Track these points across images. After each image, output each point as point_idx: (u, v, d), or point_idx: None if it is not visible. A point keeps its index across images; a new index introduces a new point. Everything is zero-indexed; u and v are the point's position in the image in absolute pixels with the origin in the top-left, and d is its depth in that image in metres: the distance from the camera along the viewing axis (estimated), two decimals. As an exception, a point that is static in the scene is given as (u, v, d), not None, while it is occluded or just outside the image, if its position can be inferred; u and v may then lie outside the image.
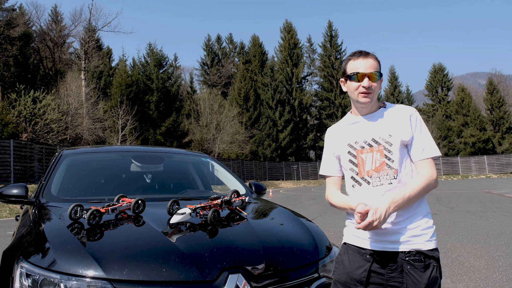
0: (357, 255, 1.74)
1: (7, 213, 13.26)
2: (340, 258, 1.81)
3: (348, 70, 1.79)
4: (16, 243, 2.09)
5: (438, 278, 1.66)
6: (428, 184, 1.68)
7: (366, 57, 1.76)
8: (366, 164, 1.75)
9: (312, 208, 13.52)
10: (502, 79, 63.86)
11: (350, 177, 1.81)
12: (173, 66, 45.98)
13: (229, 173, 3.68)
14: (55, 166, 3.05)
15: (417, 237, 1.67)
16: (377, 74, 1.75)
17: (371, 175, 1.73)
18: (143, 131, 35.37)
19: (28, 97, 24.50)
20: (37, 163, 21.53)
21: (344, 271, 1.75)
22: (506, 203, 12.79)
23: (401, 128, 1.73)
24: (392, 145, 1.72)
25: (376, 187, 1.72)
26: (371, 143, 1.75)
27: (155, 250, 1.85)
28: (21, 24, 34.41)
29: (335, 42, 54.89)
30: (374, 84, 1.74)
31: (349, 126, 1.86)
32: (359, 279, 1.69)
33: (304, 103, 53.05)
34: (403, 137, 1.72)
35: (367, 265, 1.69)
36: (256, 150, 46.79)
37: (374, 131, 1.77)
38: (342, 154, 1.84)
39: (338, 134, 1.89)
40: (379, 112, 1.81)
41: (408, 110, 1.78)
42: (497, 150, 51.41)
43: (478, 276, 4.52)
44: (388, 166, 1.71)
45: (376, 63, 1.77)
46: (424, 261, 1.65)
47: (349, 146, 1.81)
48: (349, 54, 1.83)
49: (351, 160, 1.80)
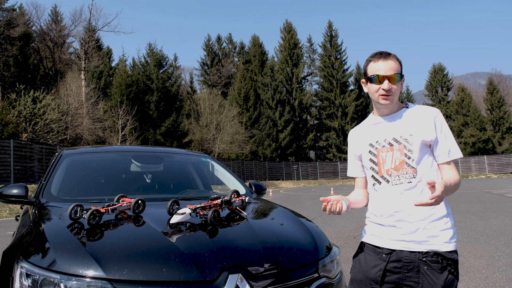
0: (373, 254, 1.75)
1: (7, 213, 13.26)
2: (357, 256, 1.84)
3: (368, 72, 1.79)
4: (16, 243, 2.09)
5: (454, 281, 1.65)
6: (457, 183, 1.69)
7: (386, 58, 1.75)
8: (386, 163, 1.76)
9: (312, 208, 13.52)
10: (502, 79, 63.85)
11: (370, 176, 1.83)
12: (173, 66, 45.98)
13: (229, 173, 3.68)
14: (55, 166, 3.05)
15: (435, 237, 1.66)
16: (398, 76, 1.74)
17: (390, 173, 1.74)
18: (143, 131, 35.37)
19: (28, 97, 24.50)
20: (37, 163, 21.53)
21: (360, 269, 1.77)
22: (506, 203, 12.79)
23: (424, 129, 1.73)
24: (413, 144, 1.72)
25: (396, 185, 1.72)
26: (392, 142, 1.76)
27: (155, 250, 1.85)
28: (21, 24, 34.42)
29: (335, 42, 54.88)
30: (395, 86, 1.74)
31: (371, 126, 1.88)
32: (374, 278, 1.70)
33: (304, 103, 53.04)
34: (425, 137, 1.72)
35: (383, 264, 1.70)
36: (256, 150, 46.79)
37: (395, 130, 1.78)
38: (364, 154, 1.86)
39: (360, 135, 1.92)
40: (401, 112, 1.81)
41: (432, 111, 1.77)
42: (497, 150, 51.41)
43: (478, 276, 4.52)
44: (407, 164, 1.71)
45: (397, 64, 1.76)
46: (441, 263, 1.64)
47: (370, 146, 1.83)
48: (370, 55, 1.82)
49: (371, 159, 1.82)
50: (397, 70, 1.74)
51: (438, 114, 1.76)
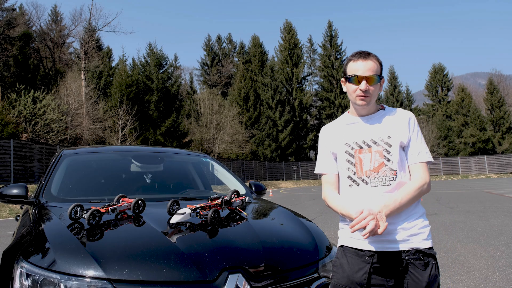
0: (356, 257, 1.72)
1: (7, 213, 13.26)
2: (338, 261, 1.79)
3: (347, 71, 1.78)
4: (16, 243, 2.09)
5: (437, 276, 1.68)
6: (421, 188, 1.70)
7: (366, 59, 1.74)
8: (364, 164, 1.74)
9: (312, 208, 13.52)
10: (502, 79, 63.85)
11: (347, 177, 1.79)
12: (173, 66, 45.97)
13: (229, 173, 3.67)
14: (55, 166, 3.05)
15: (415, 236, 1.68)
16: (376, 77, 1.72)
17: (369, 175, 1.72)
18: (143, 131, 35.37)
19: (28, 97, 24.50)
20: (37, 163, 21.53)
21: (344, 274, 1.73)
22: (506, 203, 12.79)
23: (400, 130, 1.74)
24: (392, 146, 1.72)
25: (375, 187, 1.71)
26: (370, 144, 1.75)
27: (155, 250, 1.85)
28: (21, 24, 34.41)
29: (335, 42, 54.90)
30: (372, 87, 1.72)
31: (346, 125, 1.85)
32: (359, 281, 1.68)
33: (304, 103, 53.05)
34: (402, 139, 1.73)
35: (367, 267, 1.68)
36: (256, 150, 46.79)
37: (373, 132, 1.77)
38: (340, 153, 1.82)
39: (335, 133, 1.87)
40: (377, 114, 1.81)
41: (407, 113, 1.79)
42: (497, 150, 51.40)
43: (478, 276, 4.52)
44: (387, 167, 1.71)
45: (376, 65, 1.74)
46: (423, 260, 1.66)
47: (346, 146, 1.80)
48: (351, 55, 1.81)
49: (348, 160, 1.78)
50: (376, 71, 1.73)
51: (413, 117, 1.79)
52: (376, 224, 1.55)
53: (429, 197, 16.99)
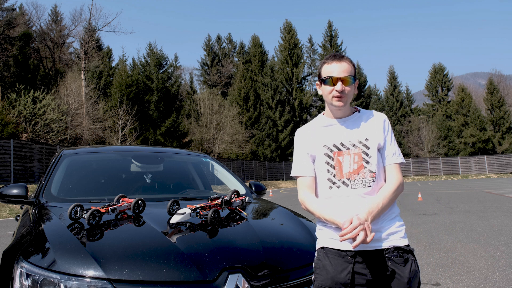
0: (338, 258, 1.72)
1: (7, 213, 13.26)
2: (320, 263, 1.78)
3: (322, 74, 1.81)
4: (16, 243, 2.09)
5: (417, 271, 1.72)
6: (397, 189, 1.77)
7: (340, 61, 1.78)
8: (344, 167, 1.75)
9: (312, 208, 13.49)
10: (502, 79, 63.85)
11: (326, 179, 1.79)
12: (173, 66, 45.96)
13: (229, 173, 3.67)
14: (55, 166, 3.05)
15: (393, 234, 1.73)
16: (351, 78, 1.76)
17: (349, 177, 1.74)
18: (143, 131, 35.37)
19: (28, 97, 24.49)
20: (37, 163, 21.53)
21: (328, 276, 1.72)
22: (506, 203, 12.79)
23: (377, 132, 1.79)
24: (370, 148, 1.76)
25: (355, 189, 1.73)
26: (348, 146, 1.77)
27: (155, 250, 1.85)
28: (21, 24, 34.41)
29: (335, 42, 54.90)
30: (348, 88, 1.76)
31: (323, 128, 1.86)
32: (344, 281, 1.69)
33: (304, 103, 53.05)
34: (379, 141, 1.78)
35: (350, 267, 1.69)
36: (256, 150, 46.79)
37: (350, 134, 1.80)
38: (318, 155, 1.82)
39: (311, 135, 1.87)
40: (353, 116, 1.84)
41: (381, 115, 1.86)
42: (497, 150, 51.40)
43: (478, 276, 4.52)
44: (366, 169, 1.74)
45: (350, 67, 1.78)
46: (403, 256, 1.70)
47: (325, 148, 1.80)
48: (325, 57, 1.85)
49: (327, 162, 1.79)
50: (350, 72, 1.77)
51: (386, 119, 1.86)
52: (365, 234, 1.58)
53: (429, 197, 16.99)
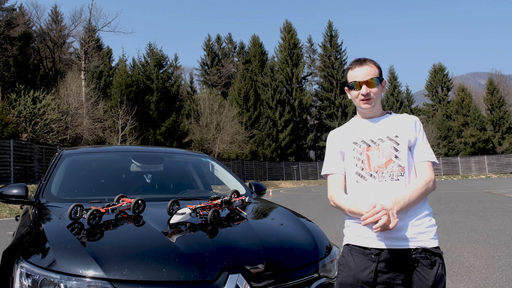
0: (362, 256, 1.73)
1: (7, 213, 13.26)
2: (344, 260, 1.79)
3: (348, 79, 1.87)
4: (16, 243, 2.09)
5: (443, 275, 1.68)
6: (428, 186, 1.73)
7: (362, 64, 1.82)
8: (372, 161, 1.77)
9: (312, 208, 13.52)
10: (502, 79, 63.86)
11: (354, 172, 1.81)
12: (173, 66, 45.95)
13: (229, 173, 3.67)
14: (55, 166, 3.05)
15: (422, 234, 1.69)
16: (376, 79, 1.80)
17: (377, 170, 1.75)
18: (143, 131, 35.37)
19: (28, 97, 24.50)
20: (37, 163, 21.53)
21: (350, 273, 1.73)
22: (506, 203, 12.79)
23: (407, 130, 1.80)
24: (399, 144, 1.77)
25: (383, 182, 1.73)
26: (377, 142, 1.79)
27: (155, 250, 1.84)
28: (21, 24, 34.41)
29: (335, 42, 54.89)
30: (373, 89, 1.80)
31: (355, 127, 1.90)
32: (366, 280, 1.68)
33: (304, 103, 53.05)
34: (409, 138, 1.78)
35: (373, 266, 1.68)
36: (256, 150, 46.79)
37: (380, 131, 1.82)
38: (348, 151, 1.86)
39: (343, 135, 1.92)
40: (384, 117, 1.87)
41: (413, 117, 1.87)
42: (497, 150, 51.40)
43: (478, 276, 4.52)
44: (395, 163, 1.74)
45: (373, 68, 1.82)
46: (430, 259, 1.66)
47: (355, 144, 1.84)
48: (349, 63, 1.91)
49: (356, 157, 1.82)
50: (374, 74, 1.81)
51: (418, 120, 1.86)
52: (387, 219, 1.56)
53: (429, 197, 16.94)
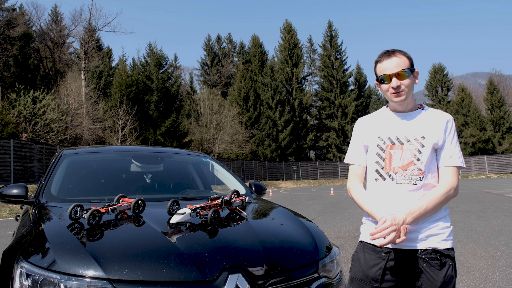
0: (373, 253, 1.75)
1: (7, 213, 13.26)
2: (356, 255, 1.83)
3: (377, 73, 1.80)
4: (16, 243, 2.09)
5: (453, 277, 1.67)
6: (448, 194, 1.68)
7: (390, 56, 1.76)
8: (393, 160, 1.74)
9: (312, 208, 13.52)
10: (502, 79, 63.84)
11: (374, 170, 1.80)
12: (173, 66, 45.96)
13: (229, 173, 3.67)
14: (55, 166, 3.05)
15: (434, 236, 1.68)
16: (406, 71, 1.72)
17: (396, 172, 1.73)
18: (143, 131, 35.37)
19: (28, 97, 24.50)
20: (37, 163, 21.53)
21: (360, 268, 1.77)
22: (506, 203, 12.79)
23: (436, 132, 1.73)
24: (424, 147, 1.72)
25: (400, 184, 1.71)
26: (403, 141, 1.75)
27: (155, 250, 1.84)
28: (21, 24, 34.39)
29: (335, 42, 54.87)
30: (405, 81, 1.73)
31: (383, 119, 1.86)
32: (374, 277, 1.71)
33: (304, 103, 53.03)
34: (437, 141, 1.72)
35: (382, 263, 1.70)
36: (256, 150, 46.78)
37: (407, 129, 1.77)
38: (371, 146, 1.83)
39: (369, 125, 1.88)
40: (415, 113, 1.81)
41: (446, 115, 1.78)
42: (497, 150, 51.39)
43: (478, 276, 4.52)
44: (415, 166, 1.71)
45: (403, 59, 1.75)
46: (440, 260, 1.66)
47: (379, 139, 1.81)
48: (377, 56, 1.83)
49: (378, 153, 1.79)
50: (403, 66, 1.73)
51: (451, 120, 1.77)
52: (395, 235, 1.56)
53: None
